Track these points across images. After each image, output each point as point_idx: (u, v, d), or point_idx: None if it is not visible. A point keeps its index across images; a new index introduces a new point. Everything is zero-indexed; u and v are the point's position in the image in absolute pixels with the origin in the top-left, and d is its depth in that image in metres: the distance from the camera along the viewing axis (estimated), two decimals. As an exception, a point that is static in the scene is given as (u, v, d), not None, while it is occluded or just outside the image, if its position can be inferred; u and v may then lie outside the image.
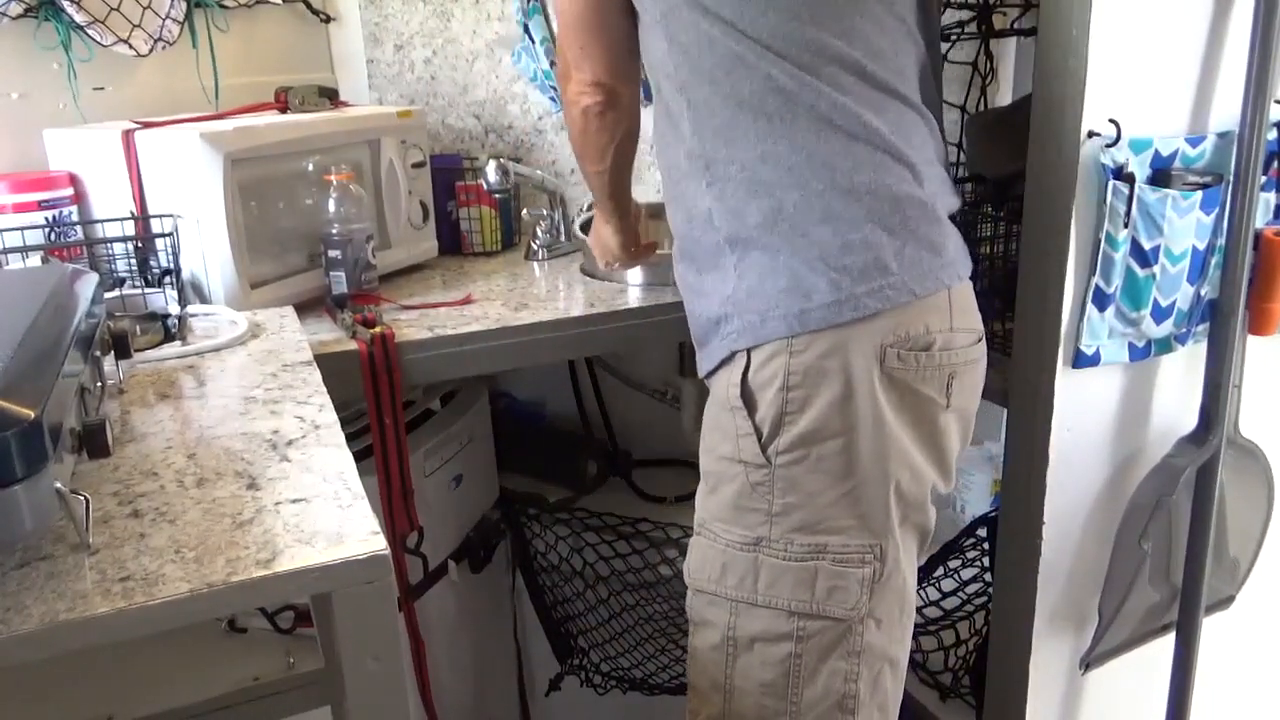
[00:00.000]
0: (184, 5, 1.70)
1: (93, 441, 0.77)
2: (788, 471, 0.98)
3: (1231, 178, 0.99)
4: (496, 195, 1.86)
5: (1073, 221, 0.95)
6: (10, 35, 1.55)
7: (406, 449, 1.45)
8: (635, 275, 1.96)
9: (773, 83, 0.96)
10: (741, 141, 0.99)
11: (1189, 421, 1.08)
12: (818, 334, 0.96)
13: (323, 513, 0.76)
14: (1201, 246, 0.99)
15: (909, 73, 1.01)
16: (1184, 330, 1.05)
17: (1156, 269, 0.98)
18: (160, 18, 1.68)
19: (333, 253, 1.50)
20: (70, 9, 1.56)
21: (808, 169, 0.96)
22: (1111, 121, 0.93)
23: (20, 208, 1.42)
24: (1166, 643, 1.14)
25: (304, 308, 1.47)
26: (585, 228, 1.67)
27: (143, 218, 1.40)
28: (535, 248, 1.89)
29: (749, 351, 1.00)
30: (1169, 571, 1.11)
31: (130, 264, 1.38)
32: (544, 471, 2.00)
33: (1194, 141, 0.98)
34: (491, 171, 1.78)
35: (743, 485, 1.01)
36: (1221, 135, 0.99)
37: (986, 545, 1.25)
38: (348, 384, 1.35)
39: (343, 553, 0.70)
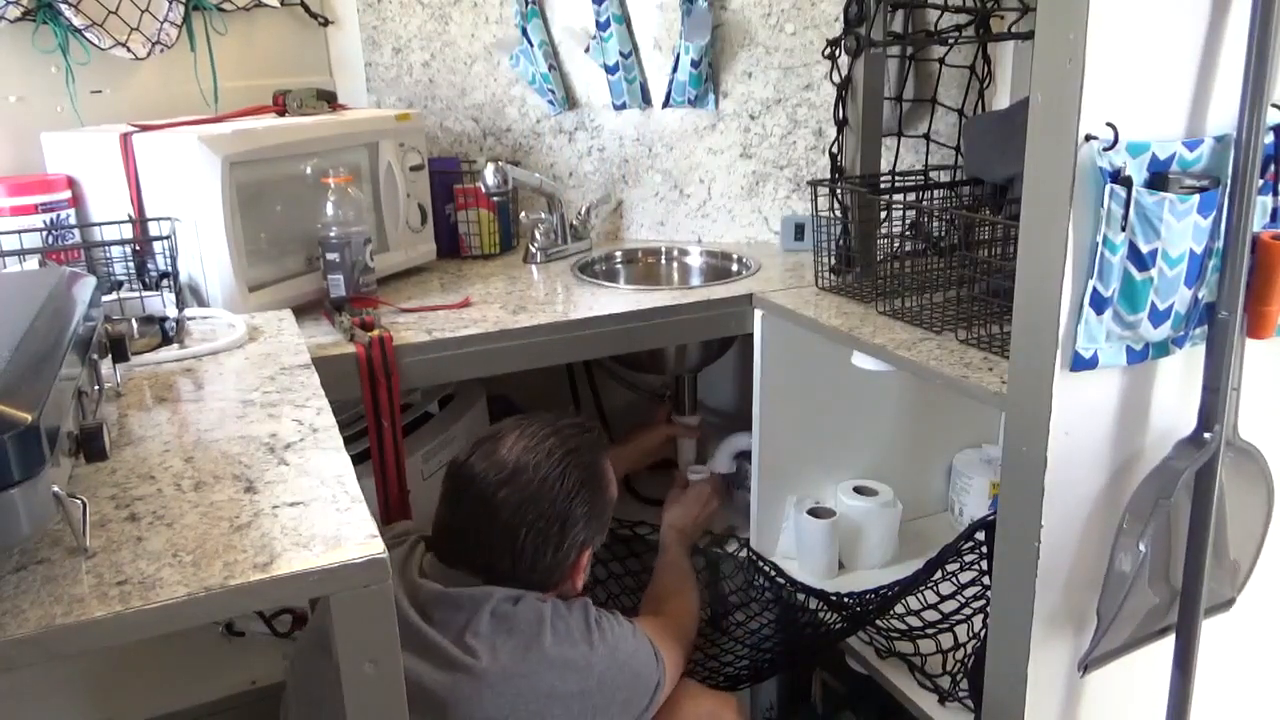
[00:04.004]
0: (182, 8, 1.71)
1: (90, 445, 0.77)
2: None
3: (1229, 181, 0.99)
4: (494, 198, 1.86)
5: (1070, 224, 0.95)
6: (8, 38, 1.55)
7: (404, 452, 1.45)
8: (632, 279, 1.97)
9: None
10: None
11: (1187, 424, 1.08)
12: None
13: (320, 516, 0.76)
14: (1199, 250, 0.99)
15: None
16: (1182, 333, 1.05)
17: (1154, 272, 0.98)
18: (158, 21, 1.68)
19: (331, 255, 1.50)
20: (68, 12, 1.56)
21: None
22: (1109, 125, 0.93)
23: (18, 210, 1.41)
24: (1166, 645, 1.14)
25: (302, 311, 1.47)
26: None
27: (140, 221, 1.40)
28: (533, 251, 1.89)
29: None
30: (1168, 574, 1.11)
31: (128, 267, 1.38)
32: (542, 475, 2.00)
33: (1191, 145, 0.98)
34: (489, 174, 1.78)
35: None
36: (1219, 139, 0.99)
37: (985, 549, 1.25)
38: (346, 387, 1.35)
39: (340, 556, 0.70)
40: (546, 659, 1.11)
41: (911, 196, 1.60)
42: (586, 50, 1.93)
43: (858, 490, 1.72)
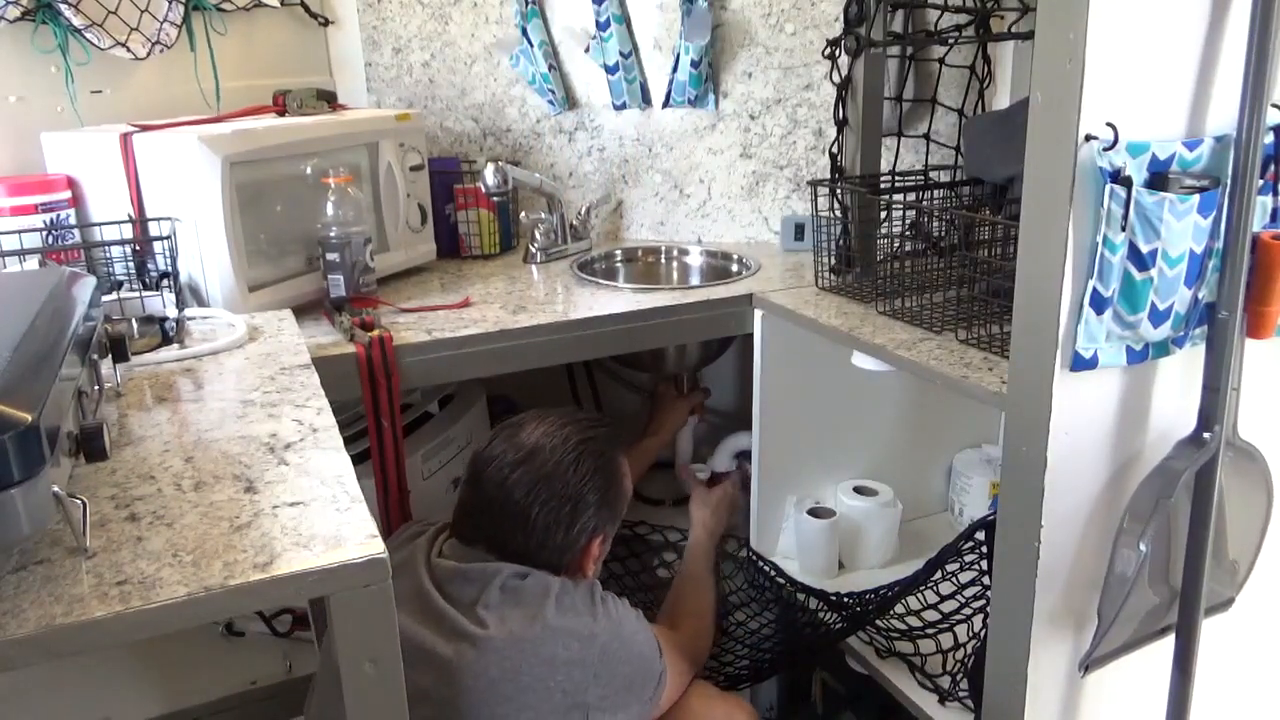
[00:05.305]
0: (181, 8, 1.70)
1: (90, 445, 0.77)
2: None
3: (1229, 181, 0.99)
4: (494, 198, 1.86)
5: (1070, 224, 0.95)
6: (8, 38, 1.55)
7: (404, 452, 1.45)
8: (632, 278, 1.97)
9: None
10: None
11: (1187, 424, 1.08)
12: None
13: (320, 516, 0.76)
14: (1199, 250, 0.99)
15: None
16: (1181, 333, 1.05)
17: (1154, 272, 0.98)
18: (158, 21, 1.68)
19: (331, 255, 1.50)
20: (68, 12, 1.56)
21: None
22: (1109, 125, 0.93)
23: (18, 210, 1.41)
24: (1166, 645, 1.14)
25: (302, 311, 1.47)
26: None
27: (141, 221, 1.40)
28: (533, 251, 1.89)
29: None
30: (1168, 574, 1.11)
31: (128, 267, 1.38)
32: (542, 474, 2.00)
33: (1191, 145, 0.98)
34: (489, 174, 1.78)
35: None
36: (1219, 139, 0.99)
37: (985, 549, 1.25)
38: (346, 387, 1.35)
39: (340, 556, 0.70)
40: (550, 627, 1.14)
41: (911, 196, 1.60)
42: (586, 50, 1.93)
43: (858, 490, 1.73)
